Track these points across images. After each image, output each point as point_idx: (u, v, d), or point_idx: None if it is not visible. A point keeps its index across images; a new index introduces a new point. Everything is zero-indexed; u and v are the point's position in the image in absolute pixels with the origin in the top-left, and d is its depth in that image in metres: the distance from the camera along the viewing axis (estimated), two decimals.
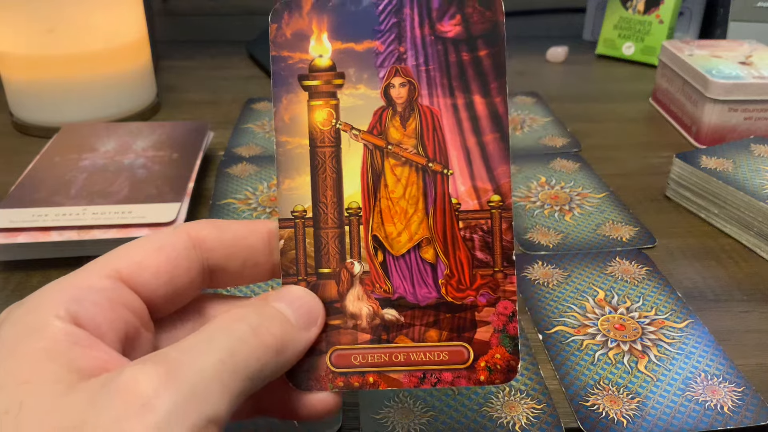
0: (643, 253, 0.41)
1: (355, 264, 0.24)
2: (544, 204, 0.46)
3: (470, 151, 0.24)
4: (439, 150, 0.24)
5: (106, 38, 0.56)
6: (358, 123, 0.24)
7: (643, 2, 0.78)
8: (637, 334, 0.34)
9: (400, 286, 0.24)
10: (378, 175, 0.24)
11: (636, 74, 0.76)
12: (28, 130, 0.58)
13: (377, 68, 0.24)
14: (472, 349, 0.23)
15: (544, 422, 0.28)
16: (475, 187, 0.24)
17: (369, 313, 0.23)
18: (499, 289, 0.23)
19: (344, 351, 0.23)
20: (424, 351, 0.23)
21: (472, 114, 0.24)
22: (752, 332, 0.34)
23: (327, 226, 0.24)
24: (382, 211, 0.24)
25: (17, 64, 0.55)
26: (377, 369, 0.23)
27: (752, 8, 0.72)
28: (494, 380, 0.23)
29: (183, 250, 0.21)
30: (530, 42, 0.86)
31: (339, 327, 0.23)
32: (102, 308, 0.19)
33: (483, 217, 0.23)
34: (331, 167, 0.24)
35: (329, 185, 0.24)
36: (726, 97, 0.53)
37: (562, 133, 0.58)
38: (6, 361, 0.17)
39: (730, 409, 0.29)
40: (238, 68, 0.77)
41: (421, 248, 0.24)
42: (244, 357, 0.18)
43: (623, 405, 0.29)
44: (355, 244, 0.24)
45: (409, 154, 0.24)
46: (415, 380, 0.23)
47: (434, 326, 0.23)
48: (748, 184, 0.42)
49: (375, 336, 0.23)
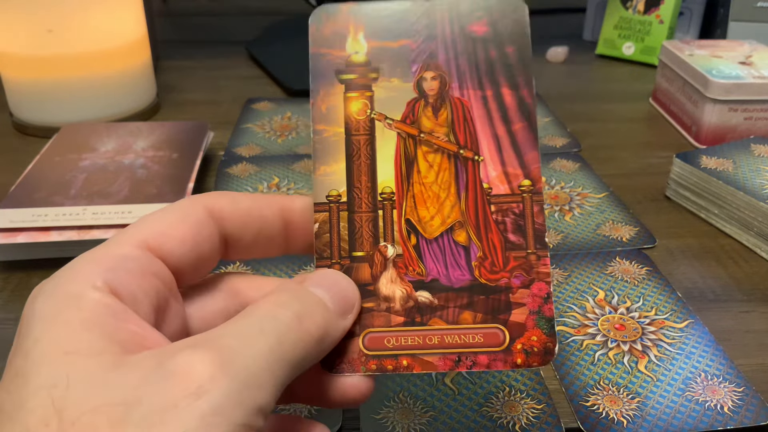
0: (643, 253, 0.41)
1: (389, 247, 0.24)
2: (544, 204, 0.46)
3: (500, 139, 0.24)
4: (470, 138, 0.24)
5: (106, 38, 0.56)
6: (391, 113, 0.25)
7: (644, 2, 0.78)
8: (637, 334, 0.34)
9: (433, 268, 0.24)
10: (411, 162, 0.24)
11: (636, 74, 0.76)
12: (27, 130, 0.58)
13: (410, 63, 0.25)
14: (507, 331, 0.23)
15: (544, 422, 0.28)
16: (505, 172, 0.24)
17: (402, 295, 0.23)
18: (533, 271, 0.23)
19: (377, 334, 0.23)
20: (458, 333, 0.23)
21: (501, 105, 0.25)
22: (752, 332, 0.34)
23: (361, 210, 0.24)
24: (415, 195, 0.24)
25: (17, 64, 0.55)
26: (411, 352, 0.23)
27: (752, 8, 0.72)
28: (531, 363, 0.23)
29: (204, 219, 0.22)
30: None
31: (372, 310, 0.23)
32: (136, 278, 0.19)
33: (515, 200, 0.24)
34: (365, 154, 0.24)
35: (363, 171, 0.24)
36: (726, 97, 0.53)
37: (562, 133, 0.58)
38: (47, 332, 0.17)
39: (730, 409, 0.29)
40: (238, 68, 0.77)
41: (453, 231, 0.24)
42: (290, 345, 0.18)
43: (623, 405, 0.29)
44: (389, 227, 0.24)
45: (441, 141, 0.24)
46: (450, 363, 0.23)
47: (468, 308, 0.23)
48: (748, 184, 0.42)
49: (409, 318, 0.23)
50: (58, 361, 0.16)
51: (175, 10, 1.06)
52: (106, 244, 0.20)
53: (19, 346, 0.17)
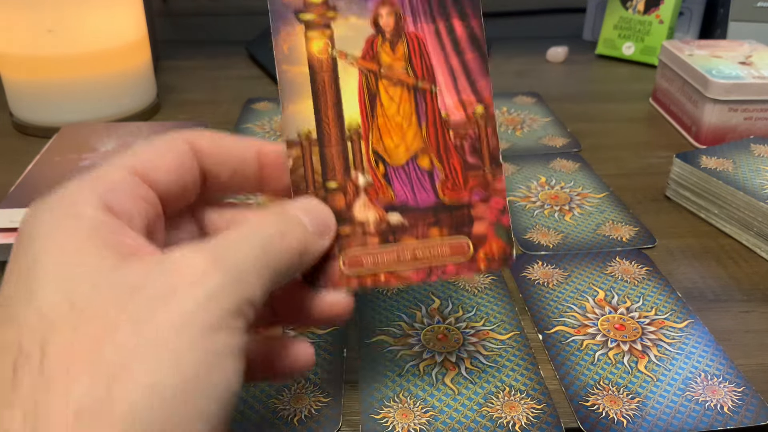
0: (643, 253, 0.41)
1: (360, 176, 0.26)
2: (544, 204, 0.46)
3: (454, 70, 0.26)
4: (426, 70, 0.26)
5: (106, 38, 0.56)
6: (352, 50, 0.26)
7: (643, 2, 0.78)
8: (637, 334, 0.34)
9: (401, 193, 0.26)
10: (373, 96, 0.26)
11: (636, 74, 0.76)
12: (28, 130, 0.58)
13: (366, 2, 0.26)
14: (471, 241, 0.26)
15: (544, 422, 0.28)
16: (461, 100, 0.26)
17: (375, 219, 0.26)
18: (490, 188, 0.26)
19: (355, 254, 0.25)
20: (428, 247, 0.26)
21: (453, 37, 0.27)
22: (752, 332, 0.34)
23: (331, 144, 0.26)
24: (379, 127, 0.26)
25: (17, 64, 0.55)
26: (387, 268, 0.25)
27: (752, 8, 0.72)
28: (493, 267, 0.26)
29: (187, 152, 0.23)
30: (530, 42, 0.86)
31: (349, 234, 0.25)
32: (130, 199, 0.21)
33: (470, 126, 0.26)
34: (330, 91, 0.26)
35: (330, 107, 0.26)
36: (726, 97, 0.53)
37: (562, 133, 0.58)
38: (51, 241, 0.19)
39: (730, 409, 0.29)
40: (237, 68, 0.77)
41: (417, 158, 0.26)
42: (274, 255, 0.21)
43: (623, 405, 0.29)
44: (358, 158, 0.26)
45: (400, 75, 0.26)
46: (422, 274, 0.25)
47: (435, 225, 0.26)
48: (748, 184, 0.42)
49: (382, 239, 0.25)
50: (64, 264, 0.18)
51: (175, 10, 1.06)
52: (97, 170, 0.21)
53: (21, 256, 0.19)
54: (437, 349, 0.33)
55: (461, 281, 0.38)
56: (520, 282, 0.38)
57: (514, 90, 0.69)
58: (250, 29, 0.88)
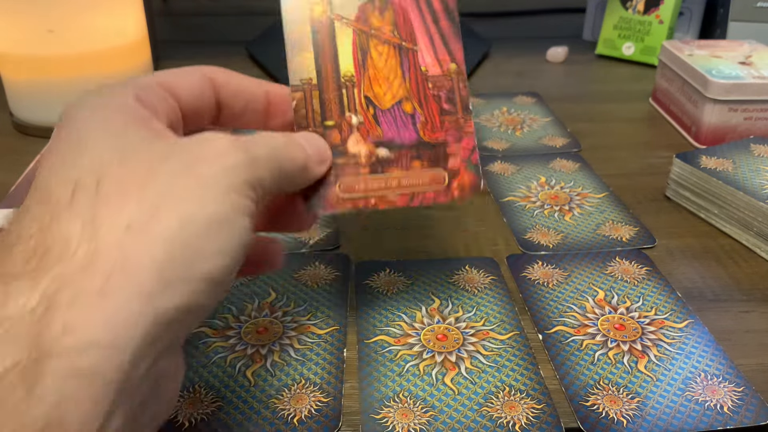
0: (643, 253, 0.41)
1: (353, 116, 0.30)
2: (544, 204, 0.46)
3: (432, 34, 0.32)
4: (409, 33, 0.32)
5: (106, 38, 0.56)
6: (347, 14, 0.31)
7: (643, 2, 0.78)
8: (637, 334, 0.34)
9: (388, 131, 0.31)
10: (365, 52, 0.31)
11: (636, 74, 0.76)
12: (28, 131, 0.58)
13: None
14: (446, 173, 0.30)
15: (544, 422, 0.28)
16: (437, 59, 0.32)
17: (366, 152, 0.30)
18: (462, 130, 0.31)
19: (349, 181, 0.29)
20: (411, 176, 0.30)
21: (431, 8, 0.32)
22: (752, 332, 0.34)
23: (329, 90, 0.30)
24: (370, 77, 0.31)
25: (17, 64, 0.55)
26: (375, 193, 0.30)
27: (752, 8, 0.72)
28: (465, 196, 0.30)
29: (205, 80, 0.27)
30: (530, 42, 0.86)
31: (343, 164, 0.30)
32: (158, 100, 0.24)
33: (446, 79, 0.31)
34: (329, 47, 0.31)
35: (328, 60, 0.31)
36: (726, 97, 0.53)
37: (562, 133, 0.58)
38: (91, 122, 0.22)
39: (730, 408, 0.29)
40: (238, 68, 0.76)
41: (401, 104, 0.31)
42: (281, 158, 0.25)
43: (623, 405, 0.29)
44: (351, 102, 0.31)
45: (387, 35, 0.31)
46: (405, 199, 0.30)
47: (417, 159, 0.31)
48: (747, 184, 0.42)
49: (372, 170, 0.30)
50: (109, 133, 0.22)
51: (175, 10, 1.06)
52: (129, 79, 0.25)
53: (66, 129, 0.22)
54: (437, 349, 0.33)
55: (461, 281, 0.38)
56: (519, 282, 0.38)
57: (514, 90, 0.69)
58: (250, 29, 0.88)
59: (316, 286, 0.37)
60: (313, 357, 0.32)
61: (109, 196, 0.20)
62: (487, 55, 0.81)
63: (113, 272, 0.18)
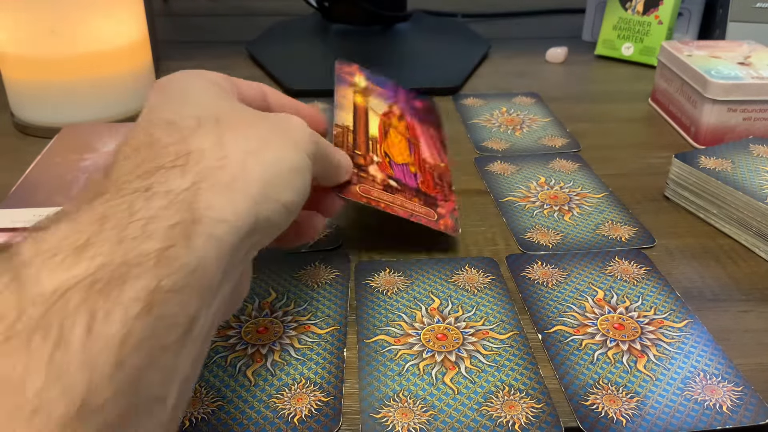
0: (642, 253, 0.41)
1: (374, 156, 0.41)
2: (544, 204, 0.46)
3: (429, 143, 0.49)
4: (415, 137, 0.48)
5: (107, 39, 0.56)
6: (377, 110, 0.47)
7: (642, 3, 0.78)
8: (636, 334, 0.34)
9: (398, 173, 0.42)
10: (386, 131, 0.45)
11: (635, 75, 0.76)
12: (29, 131, 0.58)
13: (386, 100, 0.50)
14: (437, 214, 0.41)
15: (544, 421, 0.29)
16: (431, 155, 0.47)
17: (381, 178, 0.40)
18: (447, 197, 0.43)
19: (367, 187, 0.38)
20: (412, 204, 0.40)
21: (430, 134, 0.51)
22: (751, 332, 0.34)
23: (360, 136, 0.42)
24: (388, 144, 0.44)
25: (19, 64, 0.56)
26: (385, 201, 0.38)
27: (751, 9, 0.72)
28: (448, 232, 0.40)
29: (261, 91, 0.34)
30: (530, 42, 0.86)
31: (364, 178, 0.38)
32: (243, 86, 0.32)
33: (437, 167, 0.46)
34: (363, 118, 0.44)
35: (362, 123, 0.44)
36: (725, 98, 0.53)
37: (561, 133, 0.58)
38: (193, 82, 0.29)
39: (728, 408, 0.29)
40: (238, 69, 0.77)
41: (408, 165, 0.43)
42: (329, 152, 0.33)
43: (622, 404, 0.30)
44: (374, 149, 0.42)
45: (402, 131, 0.47)
46: (406, 213, 0.39)
47: (416, 197, 0.41)
48: (746, 184, 0.42)
49: (384, 189, 0.39)
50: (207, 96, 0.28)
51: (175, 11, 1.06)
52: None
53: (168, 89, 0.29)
54: (437, 348, 0.33)
55: (460, 281, 0.38)
56: (519, 282, 0.38)
57: (514, 90, 0.69)
58: (251, 30, 0.89)
59: (316, 285, 0.38)
60: (313, 356, 0.32)
61: (229, 127, 0.26)
62: (487, 56, 0.81)
63: (237, 177, 0.24)
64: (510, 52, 0.83)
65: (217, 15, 1.04)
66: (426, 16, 0.94)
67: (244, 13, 1.04)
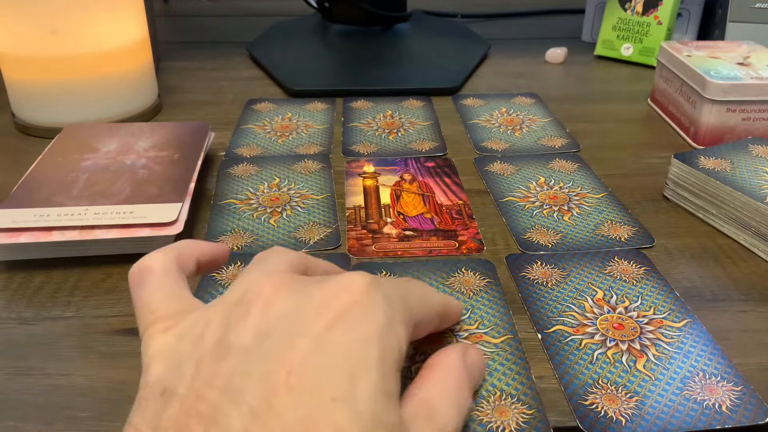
0: (642, 253, 0.41)
1: (388, 219, 0.44)
2: (543, 204, 0.46)
3: (446, 192, 0.49)
4: (429, 189, 0.49)
5: (108, 40, 0.56)
6: (387, 184, 0.49)
7: (642, 3, 0.78)
8: (636, 334, 0.34)
9: (412, 225, 0.44)
10: (398, 195, 0.48)
11: (634, 75, 0.76)
12: (30, 131, 0.58)
13: (396, 173, 0.51)
14: (457, 242, 0.42)
15: (534, 427, 0.29)
16: (449, 200, 0.48)
17: (397, 233, 0.43)
18: (468, 225, 0.44)
19: (383, 244, 0.42)
20: (429, 242, 0.42)
21: (445, 181, 0.50)
22: (750, 331, 0.35)
23: (372, 209, 0.46)
24: (401, 205, 0.46)
25: (20, 65, 0.56)
26: (402, 249, 0.41)
27: (750, 9, 0.72)
28: (470, 254, 0.41)
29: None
30: (529, 43, 0.86)
31: (380, 238, 0.42)
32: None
33: (455, 207, 0.47)
34: (374, 193, 0.48)
35: (373, 198, 0.47)
36: (724, 98, 0.53)
37: (561, 133, 0.58)
38: None
39: (728, 408, 0.29)
40: (239, 69, 0.77)
41: (423, 214, 0.45)
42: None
43: (622, 404, 0.30)
44: (387, 214, 0.45)
45: (414, 190, 0.49)
46: (424, 252, 0.41)
47: (434, 235, 0.43)
48: (746, 185, 0.42)
49: (400, 240, 0.42)
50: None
51: (176, 11, 1.06)
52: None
53: None
54: (429, 351, 0.33)
55: (456, 283, 0.38)
56: (518, 282, 0.38)
57: (514, 91, 0.69)
58: (251, 30, 0.89)
59: None
60: None
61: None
62: (486, 56, 0.81)
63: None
64: (510, 53, 0.83)
65: (217, 15, 1.04)
66: (426, 17, 0.94)
67: (245, 14, 1.05)
